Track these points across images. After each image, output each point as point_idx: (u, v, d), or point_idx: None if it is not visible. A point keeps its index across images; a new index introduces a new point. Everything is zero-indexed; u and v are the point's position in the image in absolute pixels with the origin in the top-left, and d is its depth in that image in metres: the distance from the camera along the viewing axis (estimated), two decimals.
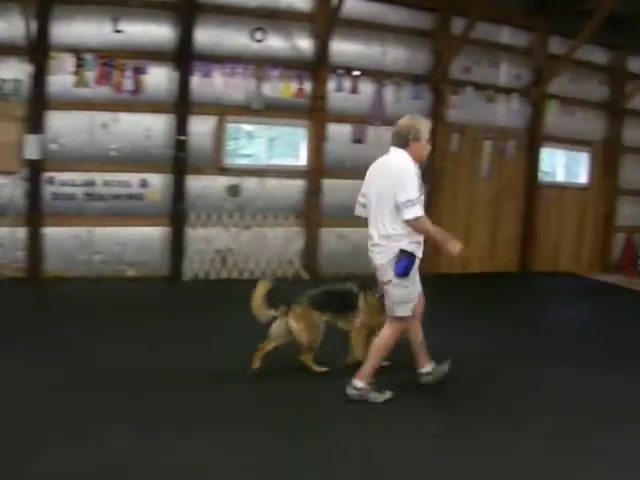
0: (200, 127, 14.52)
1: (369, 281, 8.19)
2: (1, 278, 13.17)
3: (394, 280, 7.10)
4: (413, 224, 6.92)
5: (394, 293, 7.17)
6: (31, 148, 13.30)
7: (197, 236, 14.47)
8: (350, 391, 7.33)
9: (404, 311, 7.25)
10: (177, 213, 14.29)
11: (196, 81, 14.37)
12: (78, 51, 13.61)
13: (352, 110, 15.69)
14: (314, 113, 15.26)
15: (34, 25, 13.20)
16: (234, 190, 14.73)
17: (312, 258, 15.45)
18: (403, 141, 7.21)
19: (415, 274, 7.23)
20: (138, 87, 14.04)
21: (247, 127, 15.51)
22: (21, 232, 13.42)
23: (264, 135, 15.38)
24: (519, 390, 8.44)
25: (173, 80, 14.24)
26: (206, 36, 14.39)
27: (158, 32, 14.12)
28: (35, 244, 13.49)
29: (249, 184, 14.98)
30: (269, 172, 15.19)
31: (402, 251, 6.98)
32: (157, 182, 14.20)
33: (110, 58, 13.83)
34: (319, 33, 14.98)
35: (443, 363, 8.03)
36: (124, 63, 13.91)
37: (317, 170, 15.33)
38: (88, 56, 13.66)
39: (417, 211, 6.87)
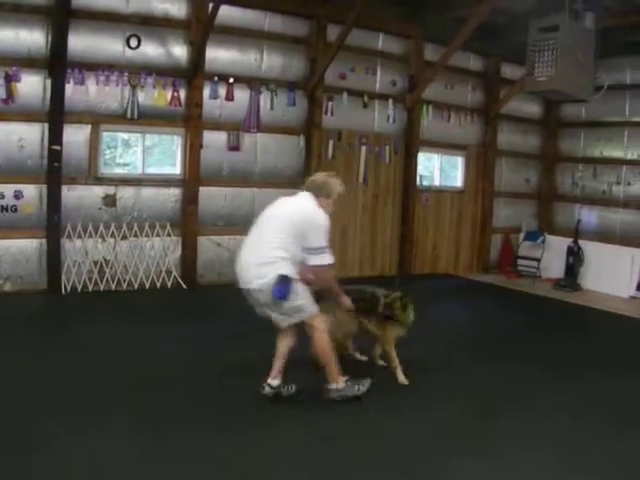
0: (75, 136, 14.22)
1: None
2: None
3: (278, 301, 7.31)
4: (319, 271, 7.42)
5: (293, 307, 7.43)
6: None
7: (74, 247, 14.21)
8: (332, 394, 7.70)
9: (310, 312, 7.57)
10: (52, 224, 13.98)
11: (70, 89, 14.05)
12: None
13: (228, 117, 15.71)
14: (190, 121, 15.19)
15: None
16: (110, 200, 14.56)
17: (190, 267, 15.38)
18: (317, 192, 7.61)
19: (300, 287, 7.47)
20: (10, 95, 13.70)
21: (123, 135, 15.31)
22: None
23: (140, 143, 15.16)
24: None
25: (46, 88, 13.93)
26: (80, 42, 14.08)
27: (30, 38, 13.71)
28: None
29: (125, 193, 14.81)
30: (145, 181, 15.04)
31: (282, 276, 7.17)
32: (32, 193, 13.81)
33: None
34: (194, 40, 14.93)
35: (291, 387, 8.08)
36: None
37: (193, 178, 15.27)
38: None
39: (328, 259, 7.38)
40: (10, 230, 13.67)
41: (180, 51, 15.16)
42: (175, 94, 15.06)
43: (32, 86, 13.87)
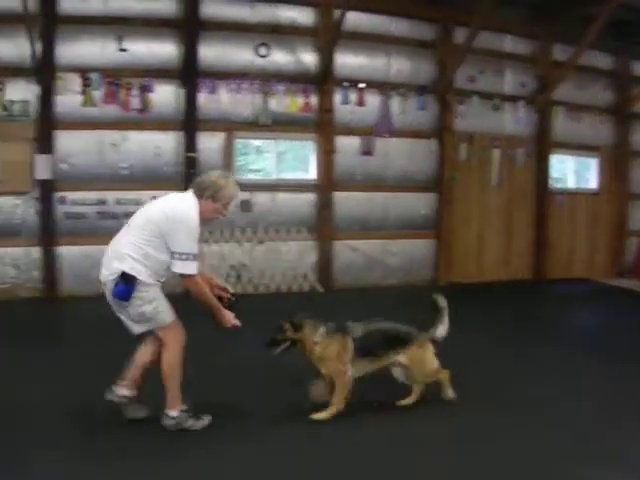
0: (209, 143, 14.57)
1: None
2: (16, 298, 13.10)
3: (118, 301, 6.51)
4: (185, 280, 6.51)
5: (137, 312, 6.53)
6: (41, 168, 13.35)
7: (211, 252, 14.34)
8: (166, 422, 6.65)
9: (164, 319, 6.61)
10: None
11: (203, 98, 14.45)
12: (84, 71, 13.73)
13: (359, 122, 15.67)
14: (321, 126, 15.27)
15: (40, 46, 13.36)
16: (246, 205, 14.65)
17: (326, 271, 15.34)
18: (199, 192, 6.60)
19: (151, 293, 6.52)
20: (145, 105, 14.08)
21: (255, 142, 15.53)
22: (35, 252, 13.39)
23: (273, 150, 15.34)
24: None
25: (180, 97, 14.30)
26: (210, 52, 14.48)
27: (162, 50, 14.23)
28: (50, 264, 13.46)
29: (260, 199, 14.97)
30: (280, 186, 15.19)
31: (124, 274, 6.39)
32: None
33: (116, 77, 13.95)
34: (323, 46, 15.02)
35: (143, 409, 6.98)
36: (130, 82, 14.02)
37: (327, 183, 15.32)
38: (94, 75, 13.78)
39: (193, 269, 6.45)
40: None
41: (309, 58, 15.27)
42: (306, 100, 15.11)
43: (166, 96, 14.31)
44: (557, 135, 17.68)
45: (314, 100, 15.26)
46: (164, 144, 14.29)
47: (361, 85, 15.50)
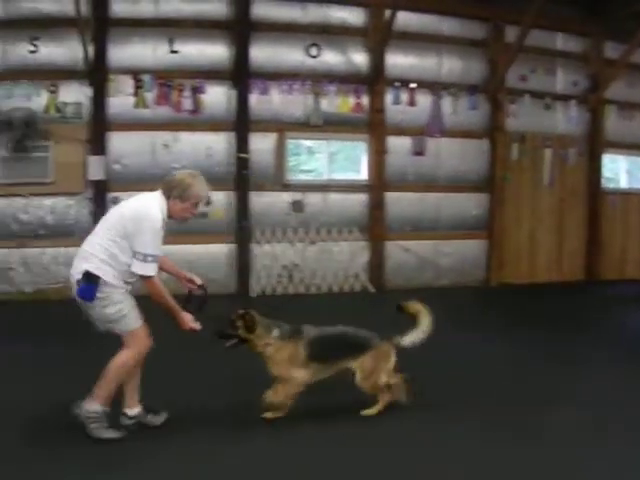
0: (260, 144, 14.62)
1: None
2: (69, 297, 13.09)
3: (81, 301, 6.36)
4: (144, 281, 6.32)
5: (101, 313, 6.35)
6: (94, 169, 13.47)
7: (263, 252, 14.39)
8: (81, 411, 6.31)
9: (129, 324, 6.41)
10: (242, 230, 14.29)
11: (254, 98, 14.49)
12: (136, 72, 13.89)
13: (410, 122, 15.58)
14: (373, 127, 15.23)
15: (92, 49, 13.51)
16: (298, 206, 14.67)
17: (378, 271, 15.27)
18: (167, 192, 6.45)
19: (116, 295, 6.34)
20: (197, 106, 14.15)
21: (307, 143, 15.52)
22: None
23: (324, 150, 15.34)
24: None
25: (231, 98, 14.36)
26: (261, 53, 14.56)
27: (213, 51, 14.35)
28: None
29: (312, 199, 14.99)
30: (331, 187, 15.17)
31: (87, 273, 6.25)
32: (221, 200, 14.18)
33: (168, 79, 14.06)
34: (373, 47, 14.98)
35: (159, 414, 6.80)
36: (182, 83, 14.12)
37: (379, 183, 15.26)
38: (146, 77, 13.90)
39: (151, 270, 6.27)
40: (201, 235, 14.12)
41: (359, 58, 15.24)
42: (357, 101, 15.07)
43: (217, 97, 14.42)
44: (609, 134, 17.47)
45: (365, 100, 15.23)
46: (216, 145, 14.38)
47: (412, 85, 15.40)
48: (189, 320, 6.45)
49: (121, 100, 13.91)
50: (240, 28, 14.35)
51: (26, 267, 13.64)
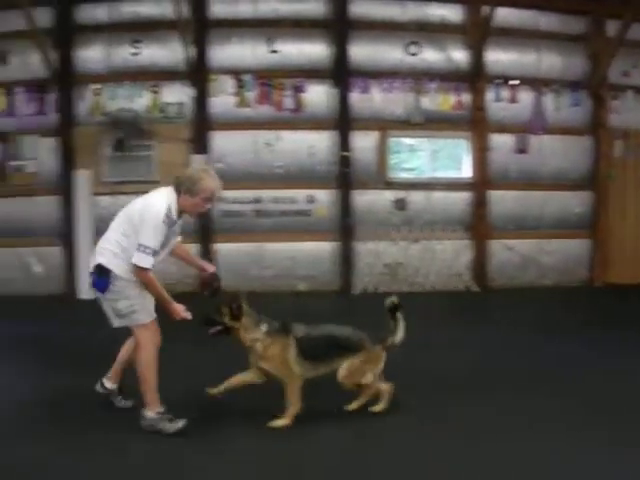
0: (362, 142, 14.58)
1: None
2: (176, 293, 13.14)
3: (96, 292, 6.52)
4: (137, 271, 6.30)
5: (113, 307, 6.48)
6: None
7: (366, 250, 14.31)
8: (142, 422, 6.50)
9: (139, 318, 6.50)
10: (345, 228, 14.25)
11: (355, 97, 14.48)
12: (237, 72, 14.07)
13: (512, 120, 15.34)
14: (475, 124, 15.04)
15: (193, 50, 13.66)
16: (401, 204, 14.57)
17: (482, 270, 15.03)
18: (177, 188, 6.47)
19: (128, 290, 6.43)
20: (298, 105, 14.17)
21: (408, 141, 15.34)
22: (194, 249, 13.45)
23: (426, 148, 15.22)
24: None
25: (332, 97, 14.35)
26: (361, 52, 14.55)
27: (312, 50, 14.40)
28: (208, 260, 13.49)
29: (415, 197, 14.87)
30: (434, 185, 15.02)
31: (99, 266, 6.38)
32: (323, 198, 14.27)
33: (268, 78, 14.18)
34: (473, 43, 14.82)
35: (127, 400, 7.06)
36: (282, 82, 14.21)
37: (482, 181, 15.06)
38: (247, 77, 14.03)
39: (147, 262, 6.23)
40: (304, 233, 14.23)
41: (459, 55, 15.09)
42: (458, 98, 14.92)
43: (318, 96, 14.45)
44: None
45: (466, 98, 15.05)
46: (318, 143, 14.41)
47: (514, 82, 15.17)
48: (181, 310, 6.52)
49: (222, 100, 14.09)
50: (339, 27, 14.41)
51: None
